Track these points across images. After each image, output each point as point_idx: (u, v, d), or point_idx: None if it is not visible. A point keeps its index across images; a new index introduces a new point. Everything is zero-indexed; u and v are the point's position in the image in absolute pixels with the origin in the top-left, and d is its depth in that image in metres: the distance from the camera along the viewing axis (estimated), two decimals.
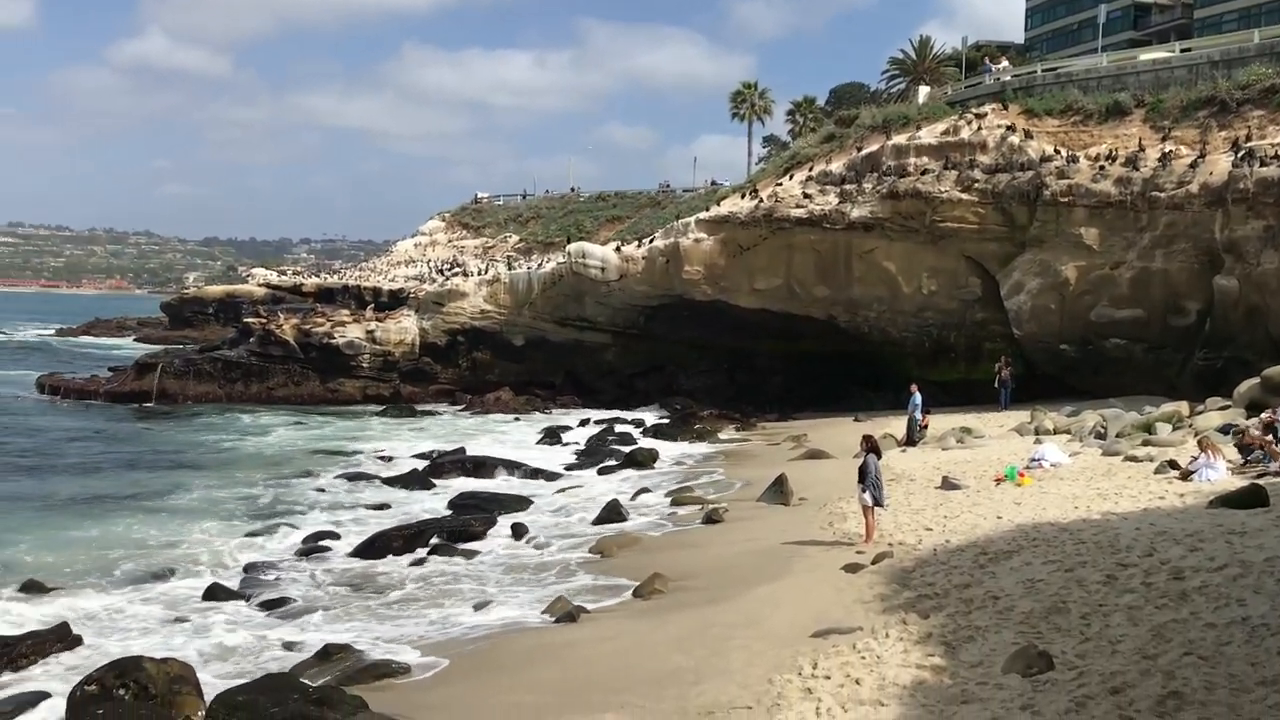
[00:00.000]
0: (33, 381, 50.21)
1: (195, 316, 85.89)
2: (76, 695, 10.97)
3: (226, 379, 46.26)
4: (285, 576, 17.53)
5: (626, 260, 42.80)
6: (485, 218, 75.00)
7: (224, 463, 30.23)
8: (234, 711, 10.27)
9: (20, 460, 29.96)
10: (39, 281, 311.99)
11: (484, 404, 44.17)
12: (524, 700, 10.53)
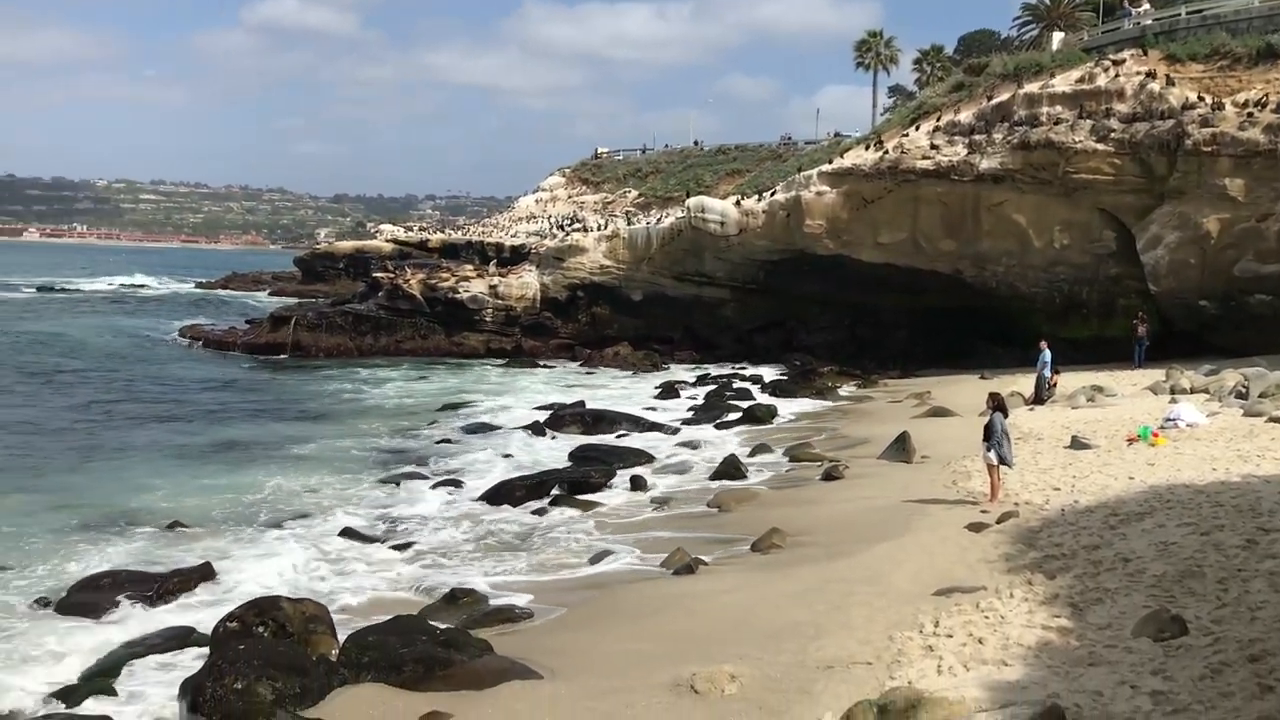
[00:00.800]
0: (175, 331, 52.53)
1: (327, 271, 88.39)
2: (219, 631, 11.54)
3: (357, 332, 47.62)
4: (413, 522, 18.07)
5: (746, 214, 42.48)
6: (605, 173, 75.19)
7: (353, 413, 31.20)
8: (366, 651, 10.67)
9: (159, 409, 31.33)
10: (180, 237, 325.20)
11: (602, 358, 44.57)
12: (642, 649, 10.68)
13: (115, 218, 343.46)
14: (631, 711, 8.97)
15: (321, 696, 9.91)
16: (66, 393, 33.65)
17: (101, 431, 27.08)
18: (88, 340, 49.13)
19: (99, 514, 18.33)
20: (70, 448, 24.74)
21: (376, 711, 9.59)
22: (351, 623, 12.29)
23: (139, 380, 37.38)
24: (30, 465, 22.63)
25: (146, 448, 25.19)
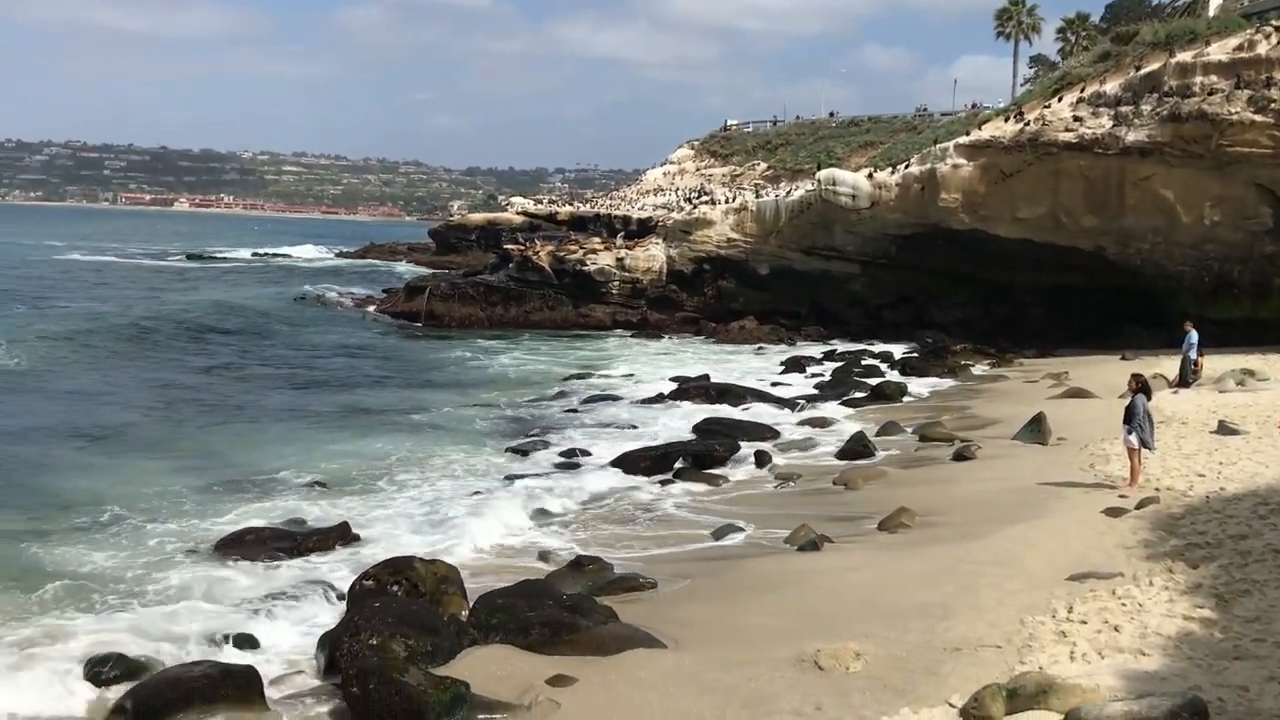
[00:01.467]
0: (317, 298, 54.32)
1: (459, 243, 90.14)
2: (356, 588, 11.97)
3: (488, 302, 48.51)
4: (541, 488, 18.37)
5: (879, 187, 41.70)
6: (734, 145, 74.71)
7: (482, 382, 31.83)
8: (494, 613, 10.92)
9: (296, 373, 32.40)
10: (320, 208, 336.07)
11: (728, 332, 44.43)
12: (767, 623, 10.67)
13: (259, 189, 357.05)
14: (755, 685, 8.98)
15: (452, 655, 10.19)
16: (209, 357, 35.10)
17: (240, 395, 28.17)
18: (232, 306, 51.17)
19: (239, 473, 19.12)
20: (210, 409, 25.85)
21: (504, 672, 9.81)
22: (480, 585, 12.60)
23: (277, 345, 38.82)
24: (173, 426, 23.73)
25: (283, 410, 26.15)
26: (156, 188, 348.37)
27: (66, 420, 23.57)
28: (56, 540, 14.71)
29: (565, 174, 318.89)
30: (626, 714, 8.79)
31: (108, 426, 23.13)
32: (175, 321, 43.85)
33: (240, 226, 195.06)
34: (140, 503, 16.81)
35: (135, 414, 24.84)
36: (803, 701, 8.58)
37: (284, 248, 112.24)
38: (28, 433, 22.22)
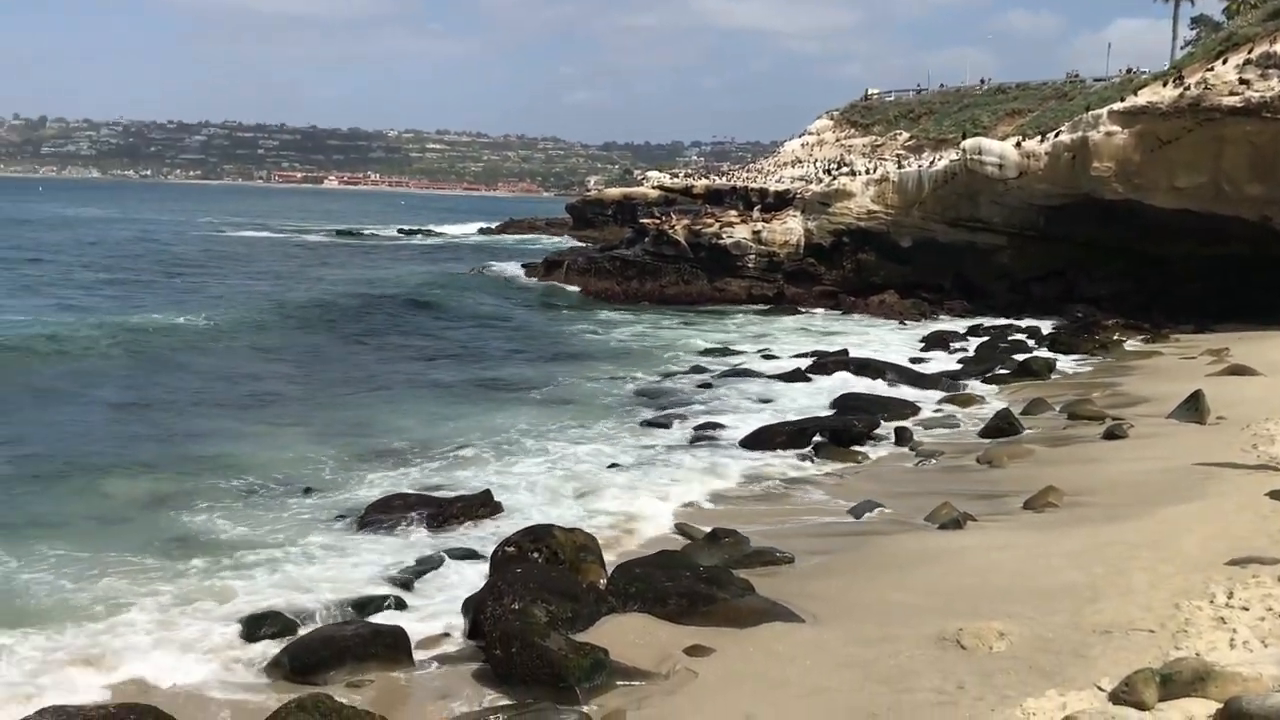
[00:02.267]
0: (461, 272, 55.63)
1: (596, 217, 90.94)
2: (498, 555, 12.25)
3: (623, 277, 48.86)
4: (677, 461, 18.46)
5: (1027, 156, 40.33)
6: (875, 115, 73.23)
7: (617, 356, 32.10)
8: (632, 582, 11.04)
9: (435, 346, 33.12)
10: (462, 184, 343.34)
11: (867, 306, 43.74)
12: (907, 600, 10.52)
13: (404, 166, 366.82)
14: (895, 661, 8.87)
15: (591, 622, 10.36)
16: (354, 330, 36.18)
17: (382, 366, 28.93)
18: (377, 282, 52.76)
19: (382, 442, 19.69)
20: (354, 380, 26.72)
21: (642, 640, 9.93)
22: (616, 555, 12.76)
23: (420, 319, 39.83)
24: (318, 395, 24.61)
25: (425, 382, 26.85)
26: (307, 166, 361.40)
27: (217, 389, 24.72)
28: (207, 504, 15.42)
29: (701, 147, 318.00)
30: (764, 685, 8.80)
31: (256, 395, 24.17)
32: (323, 296, 45.45)
33: (386, 203, 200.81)
34: (287, 469, 17.53)
35: (282, 384, 25.88)
36: (944, 680, 8.44)
37: (428, 224, 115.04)
38: (179, 400, 23.37)
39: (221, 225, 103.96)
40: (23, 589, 11.97)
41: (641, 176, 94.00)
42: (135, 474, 17.02)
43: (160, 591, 12.04)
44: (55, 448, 18.66)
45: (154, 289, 46.82)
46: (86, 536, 13.77)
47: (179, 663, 10.32)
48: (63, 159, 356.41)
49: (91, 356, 28.14)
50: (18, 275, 49.61)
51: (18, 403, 22.34)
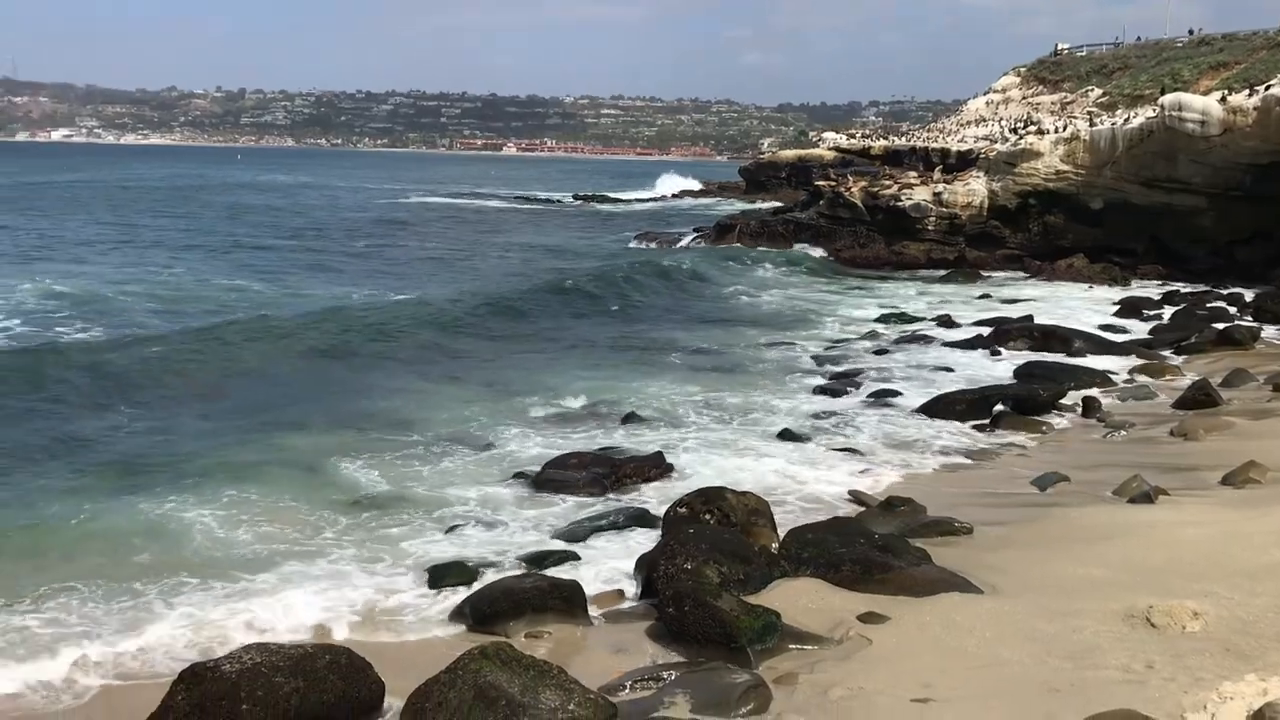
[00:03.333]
0: (632, 240, 56.12)
1: (769, 180, 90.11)
2: (670, 515, 12.37)
3: (797, 240, 48.31)
4: (851, 428, 18.23)
5: (1233, 112, 37.79)
6: (1064, 71, 69.81)
7: (790, 320, 31.83)
8: (805, 547, 10.99)
9: (608, 310, 33.36)
10: (635, 149, 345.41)
11: (1054, 271, 41.96)
12: (1092, 574, 10.13)
13: (579, 132, 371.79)
14: (1080, 637, 8.56)
15: (763, 585, 10.37)
16: (526, 294, 36.78)
17: (551, 328, 29.42)
18: (547, 247, 53.74)
19: (554, 403, 20.08)
20: (526, 340, 27.33)
21: (815, 605, 9.89)
22: (788, 520, 12.71)
23: (588, 283, 40.17)
24: (492, 355, 25.21)
25: (595, 344, 27.18)
26: (487, 133, 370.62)
27: (399, 349, 25.67)
28: (386, 460, 16.04)
29: (879, 107, 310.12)
30: (940, 655, 8.63)
31: (437, 356, 24.99)
32: (499, 261, 46.64)
33: (561, 169, 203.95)
34: (469, 427, 18.12)
35: (462, 345, 26.67)
36: (1131, 658, 8.11)
37: (602, 190, 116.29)
38: (355, 359, 24.37)
39: (404, 191, 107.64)
40: (221, 536, 12.79)
41: (817, 138, 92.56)
42: (324, 430, 17.87)
43: (349, 541, 12.69)
44: (256, 404, 19.84)
45: (335, 256, 48.87)
46: (278, 487, 14.57)
47: (366, 608, 10.87)
48: (260, 129, 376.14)
49: (285, 323, 29.62)
50: (220, 240, 52.61)
51: (215, 361, 23.75)
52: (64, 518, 13.13)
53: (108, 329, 26.40)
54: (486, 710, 7.58)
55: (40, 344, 24.17)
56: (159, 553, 12.10)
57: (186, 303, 31.19)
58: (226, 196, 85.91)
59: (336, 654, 8.59)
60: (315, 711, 8.11)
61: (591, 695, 7.91)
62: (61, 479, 14.83)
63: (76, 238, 50.23)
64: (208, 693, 7.95)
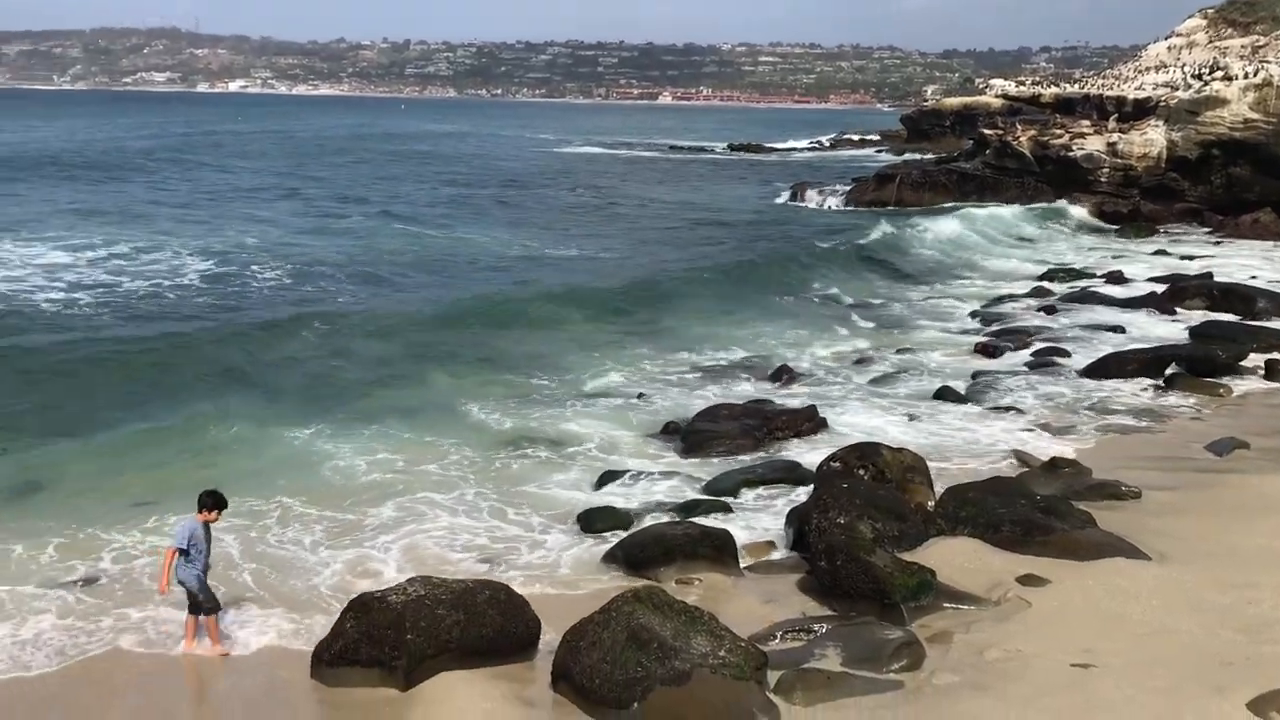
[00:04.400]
0: (786, 193, 55.34)
1: (932, 129, 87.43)
2: (823, 469, 12.29)
3: (960, 191, 46.78)
4: (1013, 387, 17.69)
5: None
6: (1258, 11, 65.13)
7: (953, 275, 30.98)
8: (963, 506, 10.78)
9: (758, 265, 32.74)
10: (793, 97, 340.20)
11: (1236, 227, 39.58)
12: (1271, 545, 9.65)
13: (736, 80, 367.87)
14: (1256, 609, 8.18)
15: (917, 543, 10.23)
16: (674, 248, 36.69)
17: (702, 283, 29.14)
18: (697, 202, 53.44)
19: (710, 354, 20.16)
20: (670, 296, 27.23)
21: (972, 565, 9.70)
22: (944, 478, 12.46)
23: (740, 235, 39.85)
24: (648, 309, 25.17)
25: (741, 299, 26.90)
26: (643, 82, 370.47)
27: (544, 297, 26.04)
28: (540, 407, 16.37)
29: (1051, 53, 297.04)
30: (1102, 621, 8.38)
31: (591, 307, 25.24)
32: (651, 213, 46.63)
33: (716, 119, 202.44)
34: (622, 375, 18.40)
35: (615, 299, 26.84)
36: None
37: (758, 139, 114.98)
38: (510, 306, 24.74)
39: (561, 141, 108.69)
40: (387, 476, 13.34)
41: (984, 85, 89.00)
42: (484, 376, 18.34)
43: (508, 483, 13.05)
44: (420, 347, 20.51)
45: (494, 205, 49.73)
46: (440, 429, 15.07)
47: (519, 547, 11.20)
48: (424, 79, 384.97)
49: (448, 269, 30.38)
50: (388, 188, 54.16)
51: (388, 303, 24.56)
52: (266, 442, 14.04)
53: (293, 274, 27.46)
54: (639, 651, 7.74)
55: (232, 289, 25.39)
56: (324, 485, 12.74)
57: (360, 250, 32.30)
58: (392, 146, 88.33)
59: (496, 590, 8.88)
60: (474, 644, 8.42)
61: (742, 643, 7.98)
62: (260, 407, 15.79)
63: (257, 184, 52.50)
64: (375, 621, 8.34)
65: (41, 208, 38.84)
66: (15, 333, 20.00)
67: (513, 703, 7.96)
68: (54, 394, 16.18)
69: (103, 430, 14.50)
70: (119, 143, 78.47)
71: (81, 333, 20.29)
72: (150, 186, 49.53)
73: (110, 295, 23.95)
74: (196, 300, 23.98)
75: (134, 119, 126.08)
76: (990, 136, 48.42)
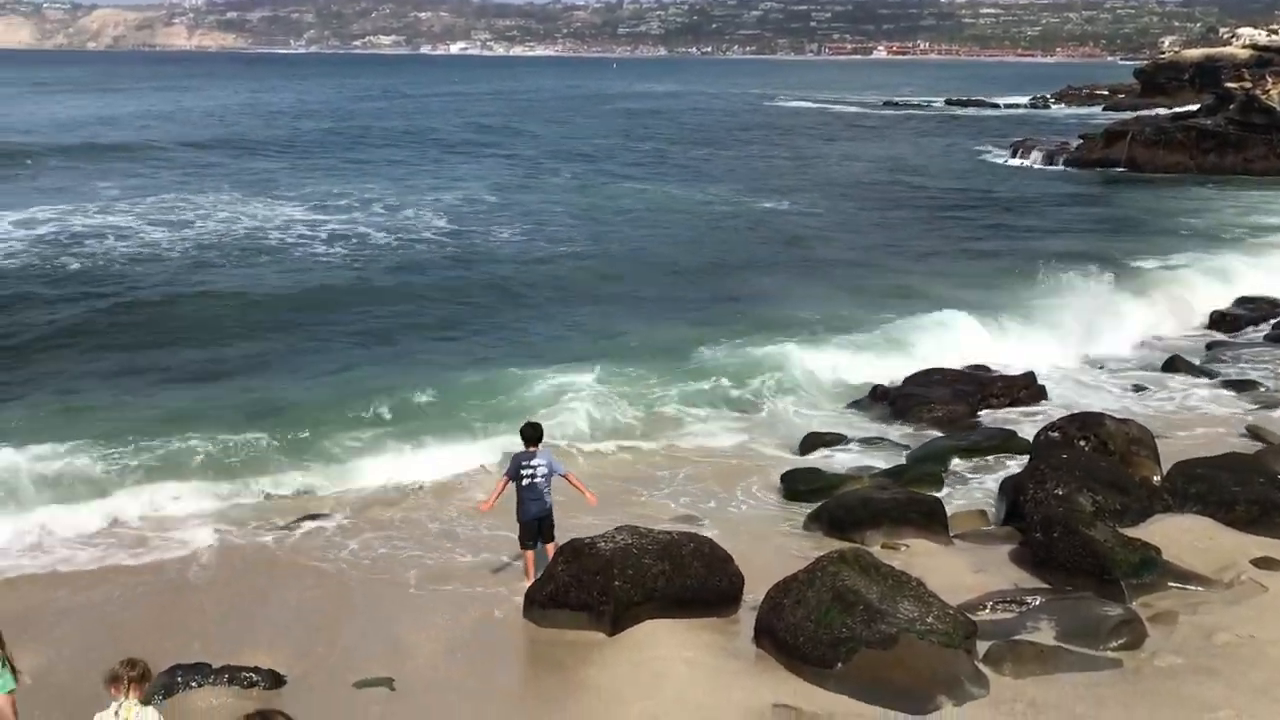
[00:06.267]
0: (1008, 151, 53.06)
1: (1169, 83, 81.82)
2: (1041, 438, 11.85)
3: (1198, 149, 43.75)
4: (1251, 360, 16.55)
5: None
6: None
7: (1191, 236, 29.01)
8: (1193, 482, 10.21)
9: (963, 224, 31.75)
10: (1015, 51, 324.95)
11: None
12: None
13: (955, 33, 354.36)
14: None
15: (1141, 519, 9.76)
16: (875, 206, 35.68)
17: (912, 238, 28.37)
18: (910, 153, 51.86)
19: (924, 312, 19.61)
20: (889, 249, 26.69)
21: (1201, 544, 9.18)
22: (1172, 453, 11.78)
23: (944, 193, 38.41)
24: (845, 262, 24.79)
25: (966, 252, 26.13)
26: (857, 37, 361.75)
27: (755, 252, 25.94)
28: (747, 362, 16.22)
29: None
30: None
31: (805, 260, 25.04)
32: (859, 164, 45.62)
33: (933, 74, 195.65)
34: (821, 331, 18.17)
35: (814, 249, 26.53)
36: None
37: (976, 94, 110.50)
38: (724, 247, 24.71)
39: (771, 96, 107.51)
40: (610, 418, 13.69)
41: (1229, 35, 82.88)
42: (691, 326, 18.55)
43: (712, 438, 13.14)
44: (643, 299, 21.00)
45: (706, 161, 49.69)
46: (640, 375, 15.35)
47: (722, 503, 11.30)
48: (635, 38, 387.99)
49: (668, 221, 30.66)
50: (606, 145, 55.04)
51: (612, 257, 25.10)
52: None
53: (525, 231, 28.44)
54: (844, 613, 7.71)
55: (464, 244, 26.53)
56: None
57: (585, 205, 33.07)
58: (606, 105, 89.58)
59: (701, 543, 9.00)
60: (678, 594, 8.58)
61: (951, 610, 7.83)
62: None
63: (480, 141, 54.32)
64: (584, 567, 8.62)
65: (301, 170, 41.54)
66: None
67: (715, 653, 8.08)
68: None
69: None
70: (356, 104, 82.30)
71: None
72: (386, 147, 52.01)
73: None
74: (444, 254, 25.25)
75: (365, 81, 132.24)
76: (1235, 90, 44.97)
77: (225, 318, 18.73)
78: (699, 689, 7.48)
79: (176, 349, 16.84)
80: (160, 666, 7.76)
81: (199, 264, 23.21)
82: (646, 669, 7.82)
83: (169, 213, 29.39)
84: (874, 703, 7.20)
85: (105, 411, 13.60)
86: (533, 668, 8.37)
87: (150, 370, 15.75)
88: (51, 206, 29.49)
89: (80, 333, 17.68)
